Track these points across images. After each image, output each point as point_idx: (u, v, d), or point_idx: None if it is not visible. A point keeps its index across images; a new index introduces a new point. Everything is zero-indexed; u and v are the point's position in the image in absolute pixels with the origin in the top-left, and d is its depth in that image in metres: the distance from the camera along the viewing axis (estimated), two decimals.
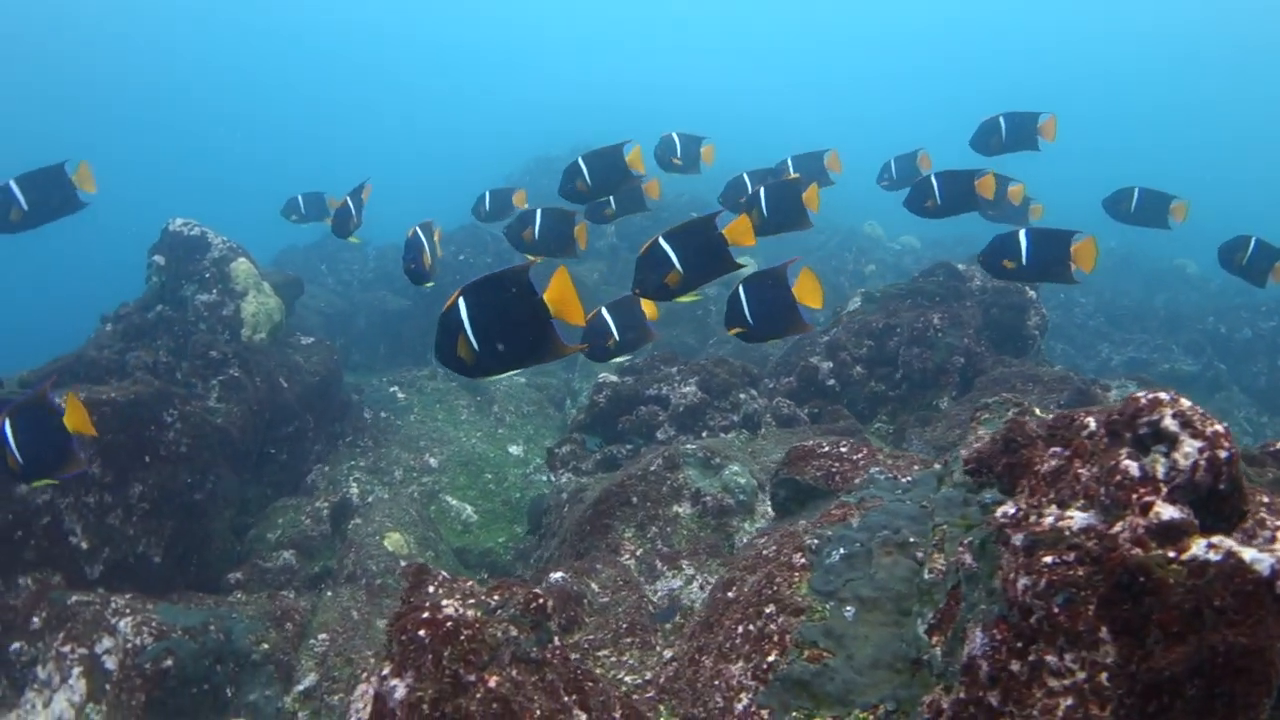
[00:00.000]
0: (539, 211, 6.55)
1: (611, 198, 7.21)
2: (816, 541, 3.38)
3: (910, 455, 4.18)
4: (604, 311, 5.71)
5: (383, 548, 6.68)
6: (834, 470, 4.10)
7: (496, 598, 2.89)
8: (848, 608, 3.06)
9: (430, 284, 6.36)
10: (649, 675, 3.55)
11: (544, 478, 8.87)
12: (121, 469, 6.18)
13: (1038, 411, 3.82)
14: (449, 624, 2.45)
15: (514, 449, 9.20)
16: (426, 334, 13.23)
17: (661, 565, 4.81)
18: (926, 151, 8.31)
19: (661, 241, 4.48)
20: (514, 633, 2.53)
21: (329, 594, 5.99)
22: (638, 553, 5.00)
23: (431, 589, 2.89)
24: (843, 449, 4.21)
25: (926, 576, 2.86)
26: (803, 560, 3.33)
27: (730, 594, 3.51)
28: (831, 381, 7.20)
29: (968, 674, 2.10)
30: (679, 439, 6.86)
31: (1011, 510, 2.25)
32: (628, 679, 3.56)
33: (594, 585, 4.46)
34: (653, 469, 5.60)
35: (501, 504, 8.34)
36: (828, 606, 3.09)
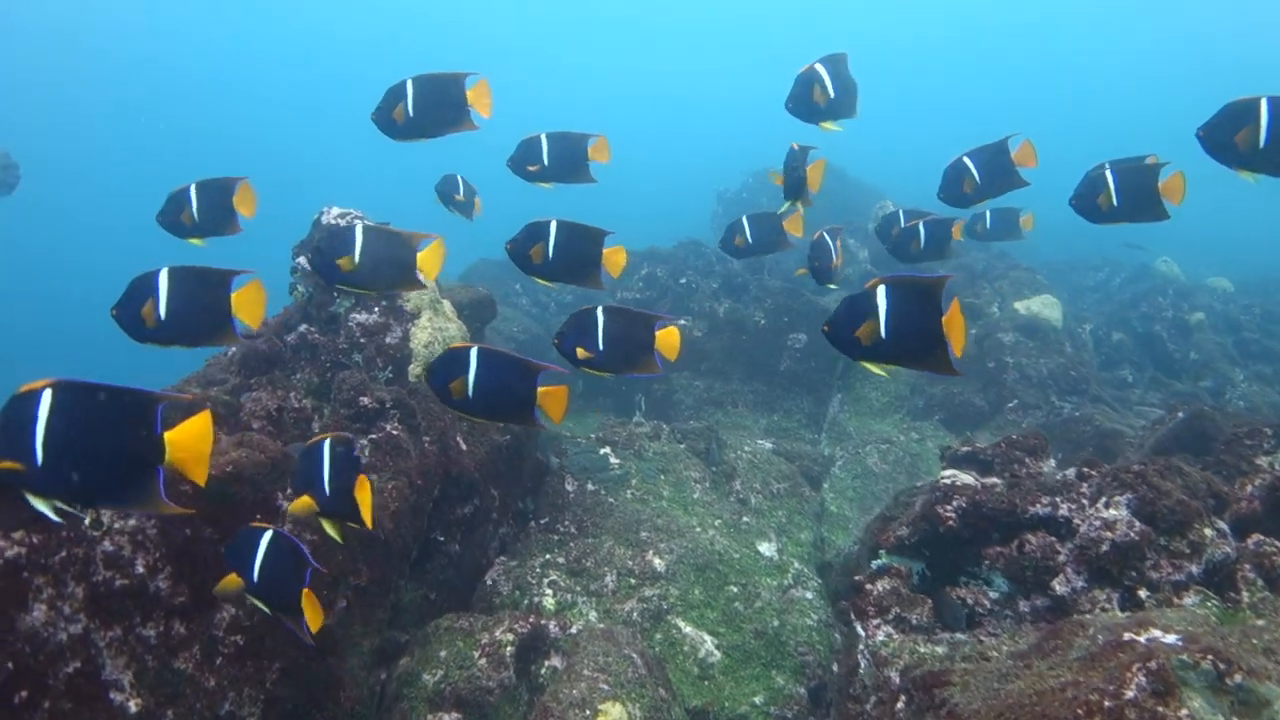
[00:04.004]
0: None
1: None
2: None
3: None
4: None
5: None
6: None
7: None
8: None
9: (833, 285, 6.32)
10: None
11: (807, 595, 6.23)
12: (203, 584, 3.91)
13: None
14: None
15: (765, 548, 6.58)
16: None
17: None
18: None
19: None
20: None
21: None
22: None
23: None
24: None
25: None
26: None
27: None
28: None
29: None
30: (1092, 595, 4.09)
31: None
32: None
33: None
34: (1129, 696, 2.90)
35: (753, 635, 5.72)
36: None
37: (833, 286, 6.50)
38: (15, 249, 36.56)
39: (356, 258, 4.22)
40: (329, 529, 3.76)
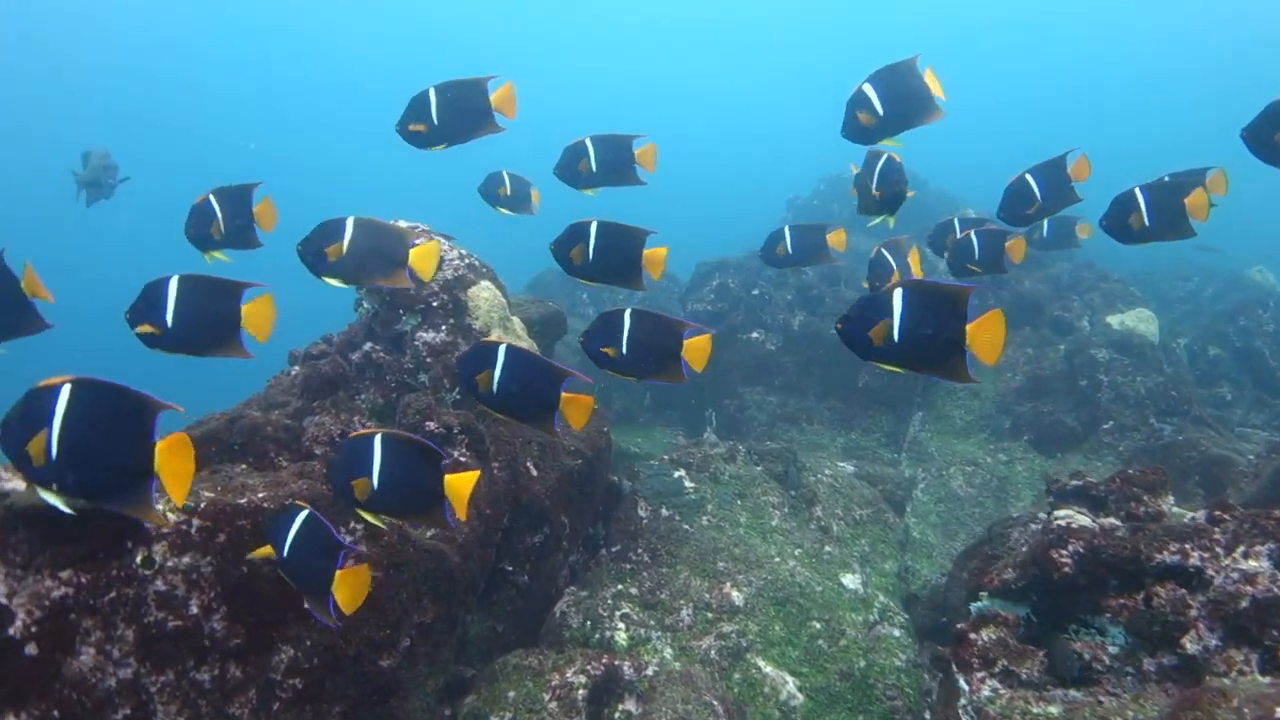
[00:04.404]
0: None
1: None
2: None
3: None
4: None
5: None
6: None
7: None
8: None
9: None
10: None
11: (894, 632, 5.86)
12: (261, 624, 3.68)
13: None
14: None
15: (848, 580, 6.21)
16: (705, 382, 10.53)
17: None
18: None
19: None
20: None
21: None
22: None
23: None
24: None
25: None
26: None
27: None
28: None
29: None
30: (1227, 655, 3.67)
31: None
32: None
33: None
34: None
35: (838, 677, 5.36)
36: None
37: None
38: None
39: (345, 247, 4.11)
40: (369, 517, 3.58)
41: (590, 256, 4.40)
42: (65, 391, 2.76)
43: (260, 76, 48.06)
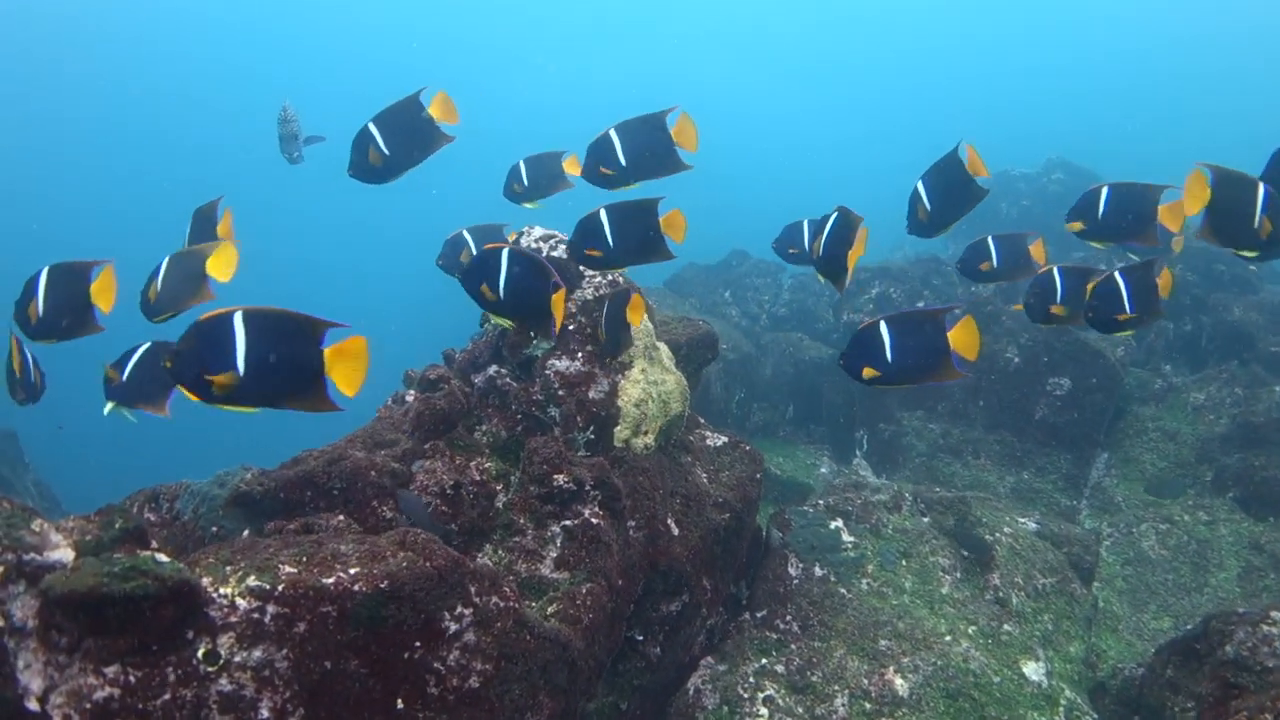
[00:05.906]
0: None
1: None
2: None
3: None
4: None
5: None
6: None
7: None
8: None
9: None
10: None
11: None
12: None
13: None
14: None
15: (1030, 668, 5.27)
16: (856, 399, 9.60)
17: None
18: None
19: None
20: None
21: None
22: None
23: None
24: None
25: None
26: None
27: None
28: None
29: None
30: None
31: None
32: None
33: None
34: None
35: None
36: None
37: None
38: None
39: (159, 285, 3.87)
40: (231, 409, 3.13)
41: (611, 243, 4.20)
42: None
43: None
